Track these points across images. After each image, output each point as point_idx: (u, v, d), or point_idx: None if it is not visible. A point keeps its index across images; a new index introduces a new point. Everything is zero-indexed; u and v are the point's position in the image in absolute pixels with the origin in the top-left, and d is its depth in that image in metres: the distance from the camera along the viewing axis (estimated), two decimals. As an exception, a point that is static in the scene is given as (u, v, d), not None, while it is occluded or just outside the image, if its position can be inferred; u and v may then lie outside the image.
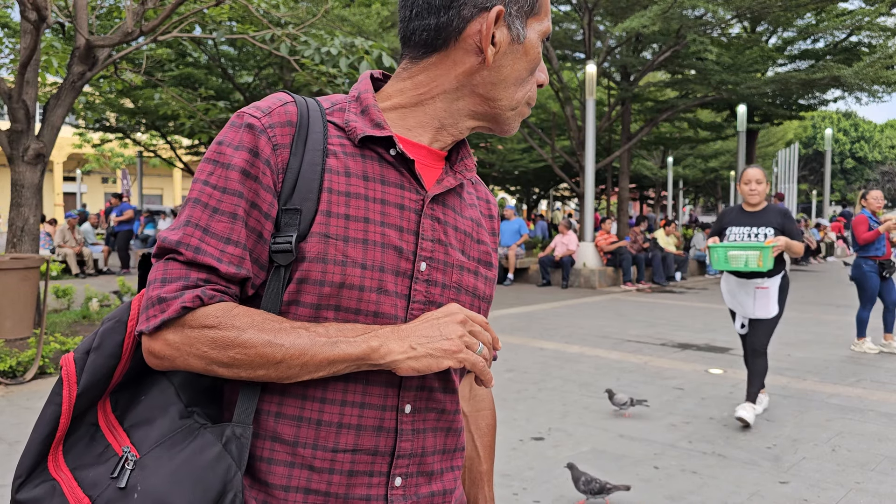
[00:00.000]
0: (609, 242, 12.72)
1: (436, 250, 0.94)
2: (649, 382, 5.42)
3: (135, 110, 16.45)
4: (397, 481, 0.91)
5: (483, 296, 1.02)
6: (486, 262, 1.04)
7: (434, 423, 0.96)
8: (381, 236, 0.90)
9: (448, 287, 0.96)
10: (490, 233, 1.08)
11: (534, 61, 0.98)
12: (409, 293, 0.92)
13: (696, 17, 13.16)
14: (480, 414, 1.15)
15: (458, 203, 1.01)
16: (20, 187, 6.37)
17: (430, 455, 0.95)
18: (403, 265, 0.91)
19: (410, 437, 0.92)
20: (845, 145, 49.52)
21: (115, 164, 25.53)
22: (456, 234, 0.99)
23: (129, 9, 6.06)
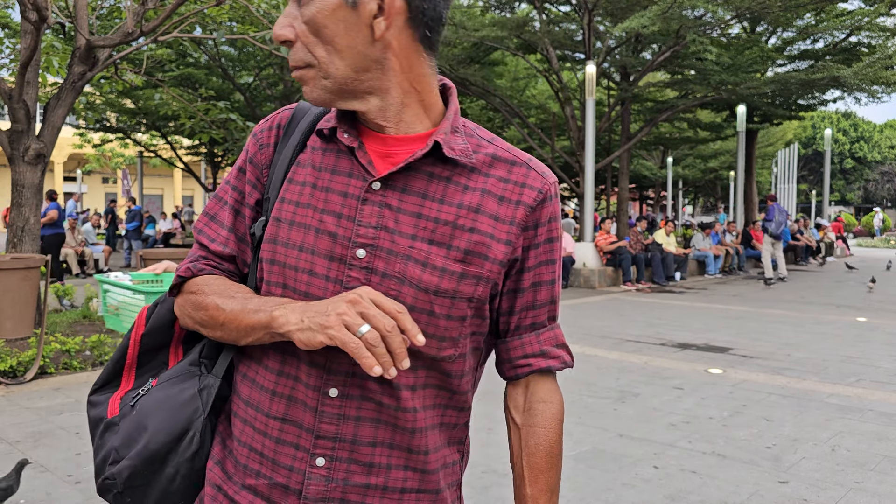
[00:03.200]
0: (609, 242, 12.73)
1: (380, 237, 0.92)
2: (649, 382, 5.42)
3: (135, 110, 16.47)
4: (319, 461, 0.93)
5: (437, 290, 0.92)
6: (477, 252, 0.94)
7: (373, 415, 0.93)
8: (319, 222, 0.94)
9: (388, 277, 0.92)
10: (506, 221, 0.95)
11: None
12: (343, 278, 0.92)
13: (695, 17, 13.17)
14: (532, 430, 1.02)
15: (438, 188, 0.94)
16: (20, 187, 6.38)
17: (367, 446, 0.93)
18: (339, 251, 0.93)
19: (335, 422, 0.93)
20: (845, 145, 49.52)
21: (116, 164, 25.55)
22: (418, 221, 0.93)
23: (130, 9, 6.07)
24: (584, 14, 13.31)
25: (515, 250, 0.97)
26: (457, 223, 0.93)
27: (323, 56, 0.91)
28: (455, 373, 0.98)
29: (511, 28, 13.37)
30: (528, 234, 0.98)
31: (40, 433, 4.08)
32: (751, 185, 19.13)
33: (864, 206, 49.02)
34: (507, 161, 0.98)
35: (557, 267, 1.03)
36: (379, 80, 0.93)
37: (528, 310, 1.01)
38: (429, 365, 0.95)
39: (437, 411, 0.99)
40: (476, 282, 0.94)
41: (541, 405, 1.02)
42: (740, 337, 7.45)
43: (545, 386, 1.03)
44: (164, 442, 0.97)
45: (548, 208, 0.98)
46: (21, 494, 3.22)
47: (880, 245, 28.49)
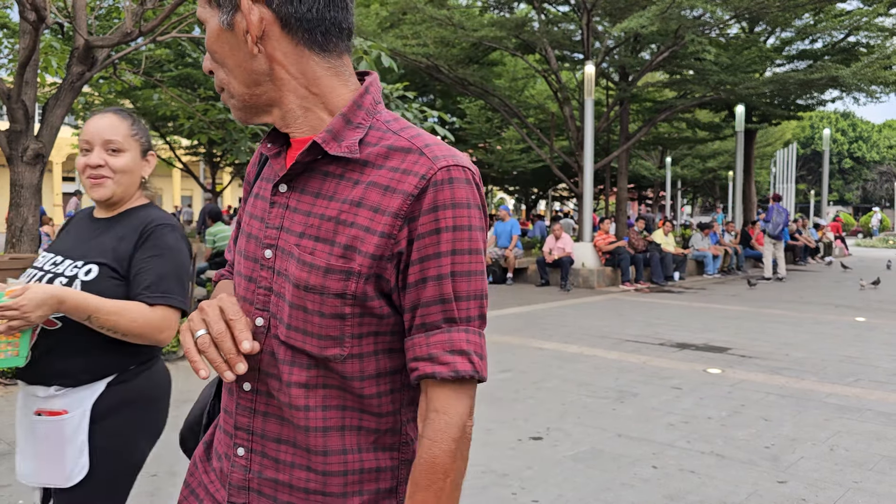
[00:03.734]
0: (607, 242, 12.73)
1: (280, 238, 0.96)
2: (648, 382, 5.43)
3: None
4: (240, 451, 1.00)
5: (305, 286, 0.91)
6: (353, 247, 0.91)
7: (277, 411, 0.97)
8: (249, 227, 1.03)
9: (280, 274, 0.96)
10: (386, 212, 0.90)
11: None
12: (256, 277, 0.99)
13: (694, 17, 13.17)
14: (421, 441, 0.92)
15: (330, 186, 0.94)
16: (19, 188, 6.37)
17: (273, 441, 0.97)
18: (258, 252, 0.99)
19: (247, 415, 0.99)
20: (843, 145, 49.57)
21: (114, 164, 25.49)
22: (307, 219, 0.94)
23: (128, 9, 6.07)
24: (583, 14, 13.31)
25: (398, 243, 0.90)
26: (339, 218, 0.92)
27: (224, 78, 0.97)
28: (351, 374, 0.94)
29: (510, 28, 13.37)
30: (412, 226, 0.90)
31: (39, 433, 4.08)
32: (749, 185, 19.14)
33: (862, 206, 49.06)
34: (402, 150, 0.93)
35: (455, 261, 0.91)
36: (274, 92, 0.96)
37: (416, 307, 0.92)
38: (319, 364, 0.94)
39: (346, 413, 0.95)
40: (345, 277, 0.90)
41: (433, 415, 0.91)
42: (739, 337, 7.46)
43: (441, 394, 0.91)
44: (195, 416, 1.20)
45: (431, 195, 0.89)
46: (20, 495, 3.22)
47: (879, 245, 28.52)
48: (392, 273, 0.92)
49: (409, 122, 5.86)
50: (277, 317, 0.95)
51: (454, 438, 0.90)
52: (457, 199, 0.90)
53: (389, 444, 0.99)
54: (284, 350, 0.95)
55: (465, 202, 0.91)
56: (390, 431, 0.99)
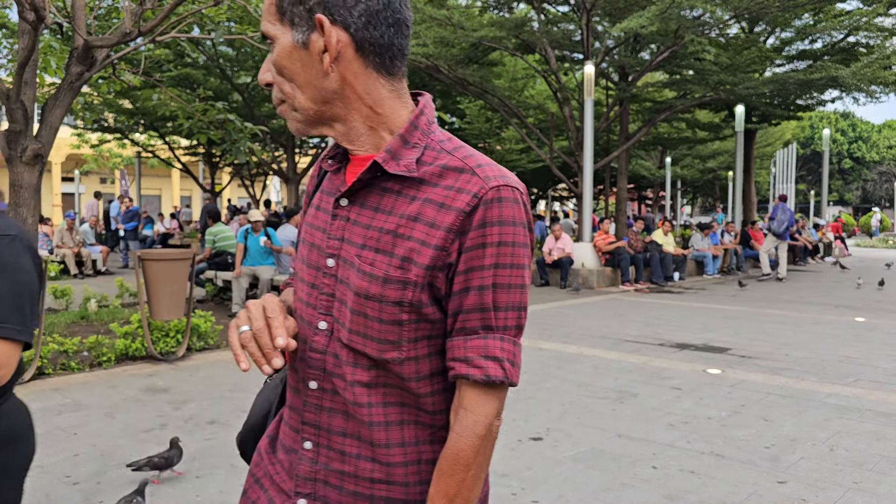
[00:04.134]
0: (607, 243, 12.73)
1: (342, 248, 1.04)
2: (647, 382, 5.42)
3: (133, 111, 16.45)
4: (307, 444, 1.08)
5: (366, 294, 0.99)
6: (410, 258, 0.99)
7: (342, 407, 1.04)
8: (311, 237, 1.11)
9: (342, 282, 1.04)
10: (441, 227, 0.98)
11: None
12: (318, 283, 1.07)
13: (694, 17, 13.17)
14: (450, 434, 1.02)
15: (388, 201, 1.02)
16: (18, 188, 6.37)
17: (339, 435, 1.05)
18: (320, 261, 1.08)
19: (314, 411, 1.07)
20: (843, 145, 49.58)
21: (114, 164, 25.52)
22: (367, 232, 1.02)
23: (128, 9, 6.06)
24: (583, 14, 13.31)
25: (449, 255, 0.98)
26: (397, 232, 1.00)
27: (289, 92, 1.03)
28: (408, 375, 1.02)
29: (509, 28, 13.36)
30: (462, 239, 0.98)
31: (38, 434, 4.07)
32: (749, 185, 19.14)
33: (862, 207, 49.07)
34: (455, 169, 1.01)
35: (497, 274, 0.99)
36: (341, 109, 1.03)
37: (458, 313, 1.00)
38: (378, 366, 1.02)
39: (404, 409, 1.04)
40: (402, 286, 0.98)
41: (462, 411, 1.01)
42: (739, 337, 7.46)
43: (471, 394, 1.00)
44: (258, 417, 1.26)
45: (481, 212, 0.97)
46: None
47: (879, 245, 28.52)
48: (443, 282, 1.00)
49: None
50: (340, 321, 1.04)
51: (479, 435, 1.00)
52: (504, 217, 0.98)
53: (444, 437, 1.06)
54: (347, 352, 1.03)
55: (510, 220, 0.99)
56: (444, 427, 1.06)
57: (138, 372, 5.65)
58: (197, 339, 6.51)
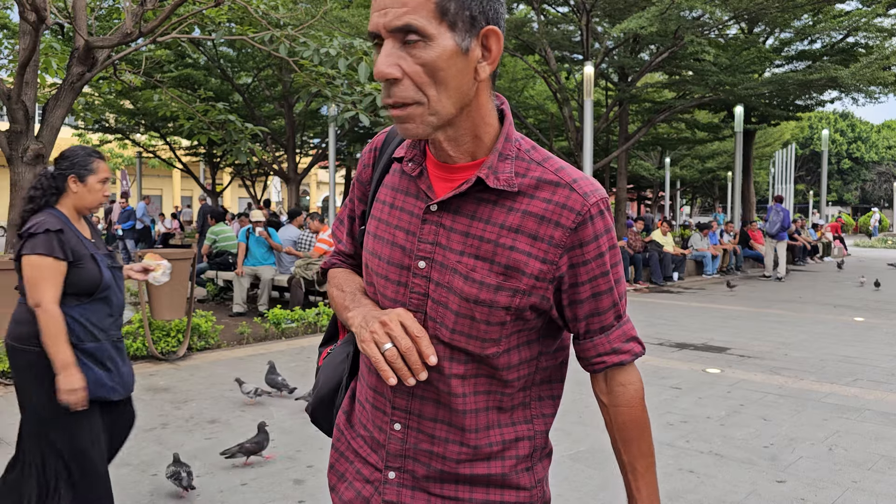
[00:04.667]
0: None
1: (435, 252, 1.08)
2: (647, 381, 5.44)
3: (134, 111, 16.46)
4: (396, 426, 1.15)
5: (476, 300, 1.06)
6: (515, 268, 1.06)
7: (433, 396, 1.11)
8: (392, 236, 1.13)
9: (440, 285, 1.08)
10: (545, 240, 1.06)
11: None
12: (409, 283, 1.11)
13: (693, 18, 13.19)
14: (617, 410, 1.17)
15: (485, 210, 1.07)
16: (19, 188, 6.38)
17: (430, 420, 1.12)
18: (406, 261, 1.11)
19: (405, 398, 1.13)
20: (842, 146, 49.59)
21: (115, 164, 25.53)
22: (466, 239, 1.07)
23: (129, 10, 6.07)
24: (582, 15, 13.33)
25: (558, 268, 1.08)
26: (498, 241, 1.06)
27: (434, 95, 1.00)
28: (501, 365, 1.11)
29: (509, 29, 13.38)
30: (575, 253, 1.08)
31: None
32: (748, 185, 19.15)
33: (861, 207, 49.08)
34: (551, 183, 1.07)
35: (615, 271, 1.12)
36: (464, 116, 1.05)
37: (593, 316, 1.13)
38: (475, 359, 1.10)
39: (491, 396, 1.13)
40: (512, 293, 1.06)
41: (620, 388, 1.16)
42: (738, 337, 7.47)
43: (622, 373, 1.16)
44: (328, 391, 1.34)
45: (590, 228, 1.07)
46: (21, 494, 3.23)
47: (878, 245, 28.54)
48: (549, 291, 1.09)
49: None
50: (437, 321, 1.09)
51: (642, 398, 1.18)
52: (607, 227, 1.10)
53: (522, 417, 1.17)
54: (443, 348, 1.09)
55: (610, 227, 1.11)
56: (521, 406, 1.16)
57: (139, 371, 5.66)
58: (198, 338, 6.53)
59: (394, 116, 1.02)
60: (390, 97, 1.01)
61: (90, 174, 2.58)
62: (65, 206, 2.54)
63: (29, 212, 2.51)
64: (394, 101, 1.01)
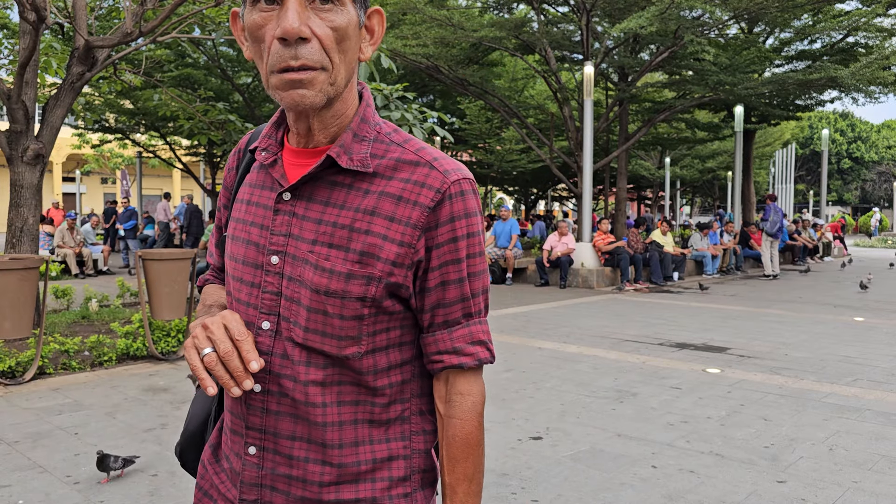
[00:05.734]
0: (607, 243, 12.74)
1: (288, 244, 1.00)
2: (647, 382, 5.44)
3: (134, 111, 16.45)
4: (251, 450, 1.03)
5: (326, 291, 0.96)
6: (370, 253, 0.97)
7: (290, 410, 1.00)
8: (247, 234, 1.05)
9: (292, 280, 0.99)
10: (402, 221, 0.97)
11: (249, 31, 0.95)
12: (261, 283, 1.02)
13: (693, 17, 13.19)
14: (450, 422, 1.03)
15: (339, 195, 0.99)
16: (19, 188, 6.38)
17: (287, 438, 1.01)
18: (260, 258, 1.02)
19: (259, 415, 1.02)
20: (842, 146, 49.59)
21: (115, 164, 25.52)
22: (318, 227, 0.98)
23: (129, 10, 6.07)
24: (582, 15, 13.32)
25: (417, 252, 0.98)
26: (353, 226, 0.97)
27: (337, 63, 0.95)
28: (366, 369, 1.00)
29: (509, 29, 13.38)
30: (430, 235, 0.98)
31: (39, 434, 4.09)
32: (748, 185, 19.15)
33: (861, 206, 49.08)
34: (410, 163, 1.00)
35: (471, 263, 1.02)
36: (344, 93, 1.00)
37: (437, 308, 1.02)
38: (336, 363, 0.99)
39: (360, 408, 1.02)
40: (366, 282, 0.97)
41: (458, 397, 1.03)
42: (738, 337, 7.47)
43: (463, 379, 1.04)
44: (196, 425, 1.19)
45: (447, 207, 0.98)
46: (20, 495, 3.23)
47: (878, 245, 28.53)
48: (409, 278, 0.99)
49: (409, 122, 5.83)
50: (291, 320, 0.99)
51: (479, 413, 1.04)
52: (468, 210, 1.00)
53: (399, 433, 1.05)
54: (299, 351, 0.99)
55: (473, 211, 1.01)
56: (399, 420, 1.05)
57: (139, 371, 5.66)
58: (197, 338, 6.52)
59: (291, 81, 0.92)
60: (297, 59, 0.91)
61: None
62: None
63: None
64: (301, 64, 0.91)
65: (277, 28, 0.91)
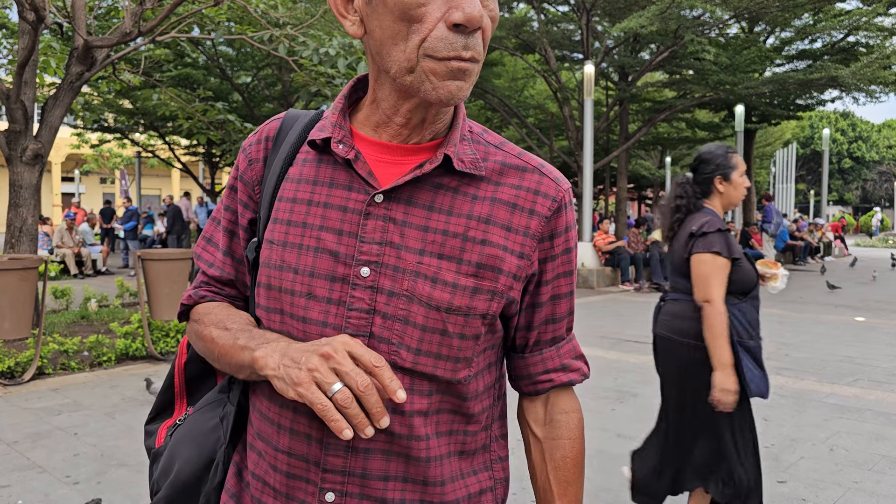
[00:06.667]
0: (607, 242, 12.73)
1: (385, 254, 0.86)
2: (647, 382, 5.43)
3: (133, 111, 16.45)
4: (329, 496, 0.87)
5: (449, 307, 0.86)
6: (490, 266, 0.88)
7: (384, 446, 0.87)
8: (317, 241, 0.88)
9: (396, 295, 0.85)
10: (520, 231, 0.90)
11: (399, 7, 0.81)
12: (346, 299, 0.86)
13: (693, 17, 13.18)
14: (557, 443, 0.97)
15: (444, 199, 0.88)
16: (18, 188, 6.37)
17: (379, 479, 0.87)
18: (341, 270, 0.87)
19: (343, 455, 0.87)
20: (843, 145, 49.60)
21: (114, 164, 25.53)
22: (424, 234, 0.87)
23: (128, 9, 6.06)
24: (583, 14, 13.32)
25: (532, 264, 0.91)
26: (467, 235, 0.87)
27: (482, 56, 0.85)
28: (470, 395, 0.92)
29: (509, 28, 13.38)
30: (545, 246, 0.92)
31: (38, 434, 4.08)
32: (749, 185, 19.16)
33: (862, 206, 49.09)
34: (517, 168, 0.92)
35: (573, 277, 0.98)
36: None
37: (547, 324, 0.96)
38: (444, 389, 0.89)
39: (453, 438, 0.92)
40: (490, 297, 0.88)
41: (563, 416, 0.98)
42: (738, 337, 7.45)
43: (565, 397, 0.99)
44: (192, 472, 0.97)
45: (563, 217, 0.93)
46: (19, 495, 3.22)
47: (878, 245, 28.53)
48: (519, 293, 0.92)
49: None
50: (394, 342, 0.86)
51: (583, 430, 0.99)
52: (574, 221, 0.97)
53: (482, 464, 0.96)
54: (402, 377, 0.86)
55: (575, 222, 0.98)
56: (482, 449, 0.96)
57: (138, 372, 5.65)
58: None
59: (457, 70, 0.81)
60: (468, 49, 0.81)
61: (733, 171, 2.68)
62: (714, 206, 2.65)
63: (677, 221, 2.64)
64: (471, 55, 0.82)
65: (455, 12, 0.79)
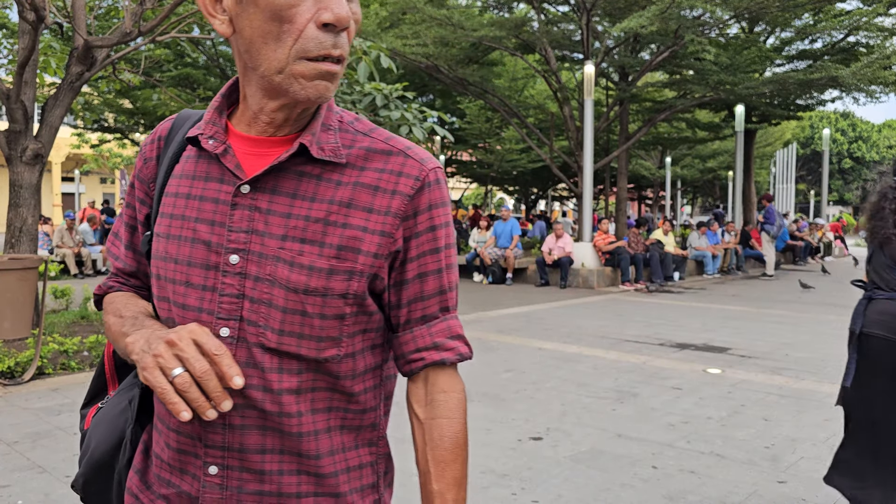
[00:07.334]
0: (607, 242, 12.73)
1: (251, 241, 0.92)
2: (647, 382, 5.43)
3: (133, 111, 16.45)
4: (212, 469, 0.94)
5: (306, 289, 0.90)
6: (350, 247, 0.92)
7: (258, 422, 0.92)
8: (192, 231, 0.95)
9: (261, 280, 0.91)
10: (381, 211, 0.93)
11: (270, 7, 0.85)
12: (218, 286, 0.92)
13: (693, 17, 13.17)
14: (434, 423, 0.97)
15: (308, 187, 0.92)
16: (18, 188, 6.37)
17: (256, 453, 0.93)
18: (213, 258, 0.93)
19: (221, 431, 0.92)
20: (843, 145, 49.60)
21: (114, 164, 25.53)
22: (287, 221, 0.91)
23: (128, 9, 6.06)
24: (583, 14, 13.31)
25: (395, 241, 0.94)
26: (328, 219, 0.92)
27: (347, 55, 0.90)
28: (344, 374, 0.95)
29: (509, 28, 13.37)
30: (408, 224, 0.95)
31: (38, 434, 4.08)
32: (749, 185, 19.15)
33: (862, 206, 49.07)
34: (382, 152, 0.96)
35: (447, 254, 0.99)
36: None
37: (416, 301, 0.98)
38: (313, 367, 0.93)
39: (333, 414, 0.96)
40: (348, 277, 0.92)
41: (441, 395, 0.98)
42: (739, 337, 7.46)
43: (445, 376, 0.99)
44: (104, 451, 1.05)
45: (426, 195, 0.95)
46: (19, 495, 3.22)
47: (878, 245, 28.49)
48: (386, 271, 0.96)
49: (409, 121, 5.82)
50: (260, 324, 0.91)
51: (464, 410, 1.00)
52: (444, 198, 0.99)
53: (368, 439, 1.01)
54: (270, 357, 0.92)
55: (447, 200, 1.00)
56: (370, 427, 1.01)
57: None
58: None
59: (325, 72, 0.87)
60: (337, 48, 0.87)
61: None
62: None
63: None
64: (339, 54, 0.87)
65: (325, 12, 0.84)
